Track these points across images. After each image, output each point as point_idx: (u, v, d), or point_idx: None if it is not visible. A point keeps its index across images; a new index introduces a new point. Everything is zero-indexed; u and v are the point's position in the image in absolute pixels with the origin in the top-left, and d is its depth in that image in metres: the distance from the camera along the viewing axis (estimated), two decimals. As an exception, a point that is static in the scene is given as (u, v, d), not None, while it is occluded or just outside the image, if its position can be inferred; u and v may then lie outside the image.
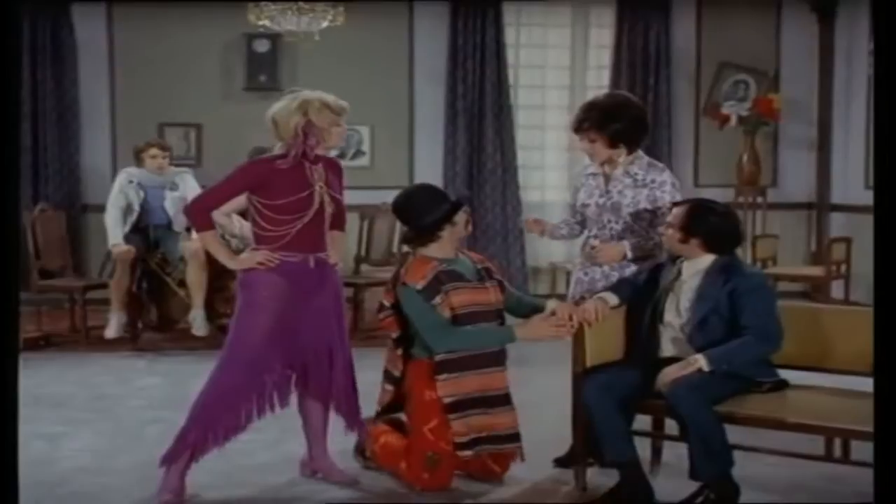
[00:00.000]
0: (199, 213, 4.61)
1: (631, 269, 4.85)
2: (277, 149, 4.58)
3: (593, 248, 4.88)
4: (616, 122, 4.84)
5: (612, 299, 4.66)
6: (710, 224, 4.54)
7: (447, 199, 4.81)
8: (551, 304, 4.77)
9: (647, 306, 4.63)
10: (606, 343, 4.68)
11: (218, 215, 7.68)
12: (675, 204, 4.70)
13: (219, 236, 4.93)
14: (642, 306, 4.67)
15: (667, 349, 4.58)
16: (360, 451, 5.04)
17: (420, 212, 4.76)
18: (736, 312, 4.42)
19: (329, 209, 4.58)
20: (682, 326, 4.54)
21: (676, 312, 4.56)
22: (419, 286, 4.64)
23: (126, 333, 8.16)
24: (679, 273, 4.59)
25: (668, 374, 4.34)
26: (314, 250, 4.56)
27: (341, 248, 4.79)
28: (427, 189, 4.96)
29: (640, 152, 4.97)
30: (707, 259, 4.55)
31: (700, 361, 4.33)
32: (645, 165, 4.93)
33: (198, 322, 7.92)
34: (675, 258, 4.67)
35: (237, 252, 4.98)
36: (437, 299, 4.61)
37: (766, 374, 4.51)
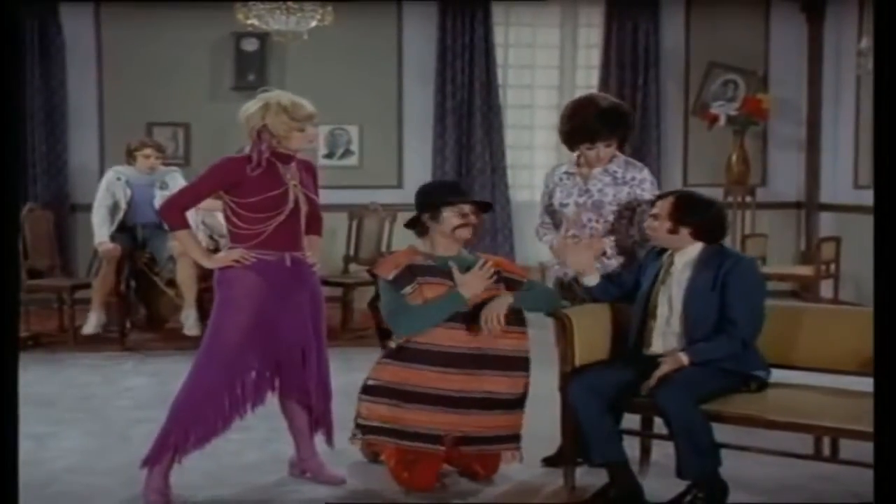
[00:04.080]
0: (173, 212, 4.58)
1: (613, 267, 4.84)
2: (246, 149, 4.58)
3: (572, 249, 4.85)
4: (630, 128, 4.94)
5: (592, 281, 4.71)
6: (699, 212, 4.53)
7: (448, 195, 4.76)
8: None
9: (637, 302, 4.63)
10: (595, 342, 4.68)
11: (206, 215, 7.71)
12: (660, 196, 4.69)
13: (197, 235, 4.89)
14: (627, 304, 4.67)
15: (656, 345, 4.56)
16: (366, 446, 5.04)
17: (423, 200, 4.76)
18: (725, 295, 4.40)
19: (304, 208, 4.57)
20: (672, 319, 4.52)
21: (669, 305, 4.54)
22: (389, 276, 4.66)
23: (110, 332, 8.14)
24: (671, 263, 4.57)
25: (655, 377, 4.34)
26: (290, 248, 4.55)
27: (318, 252, 4.77)
28: (444, 183, 4.94)
29: None
30: (696, 248, 4.54)
31: (683, 358, 4.34)
32: (623, 163, 4.93)
33: (190, 321, 7.90)
34: (659, 252, 4.66)
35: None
36: (409, 289, 4.63)
37: (756, 374, 4.49)
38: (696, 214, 4.52)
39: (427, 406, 4.60)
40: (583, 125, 4.84)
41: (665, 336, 4.54)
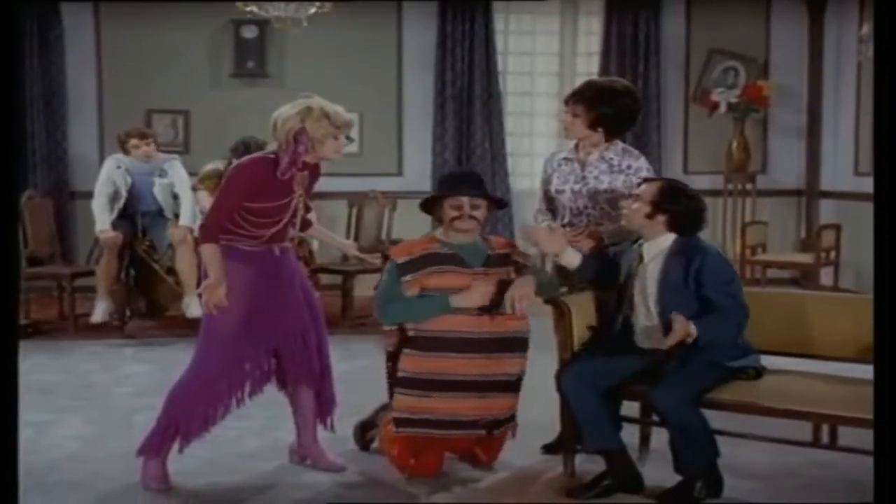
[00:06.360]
0: (214, 233, 4.48)
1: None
2: (269, 147, 4.56)
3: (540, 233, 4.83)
4: (605, 107, 4.83)
5: (575, 260, 4.63)
6: (679, 203, 4.47)
7: (442, 187, 4.76)
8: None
9: (614, 292, 4.60)
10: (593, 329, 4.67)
11: (203, 197, 7.73)
12: (646, 180, 4.65)
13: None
14: (610, 292, 4.65)
15: (642, 339, 4.54)
16: (359, 435, 5.06)
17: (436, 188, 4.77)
18: (702, 292, 4.36)
19: (299, 214, 4.60)
20: (650, 314, 4.49)
21: (644, 297, 4.51)
22: (400, 260, 4.66)
23: (114, 320, 8.14)
24: (641, 257, 4.55)
25: (670, 342, 4.27)
26: (278, 242, 4.57)
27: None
28: (453, 174, 4.95)
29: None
30: (667, 239, 4.49)
31: (691, 327, 4.24)
32: (620, 151, 4.91)
33: (192, 308, 7.90)
34: (634, 241, 4.62)
35: None
36: (408, 277, 4.62)
37: (745, 364, 4.47)
38: (677, 203, 4.47)
39: (457, 393, 4.61)
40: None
41: (651, 330, 4.50)
